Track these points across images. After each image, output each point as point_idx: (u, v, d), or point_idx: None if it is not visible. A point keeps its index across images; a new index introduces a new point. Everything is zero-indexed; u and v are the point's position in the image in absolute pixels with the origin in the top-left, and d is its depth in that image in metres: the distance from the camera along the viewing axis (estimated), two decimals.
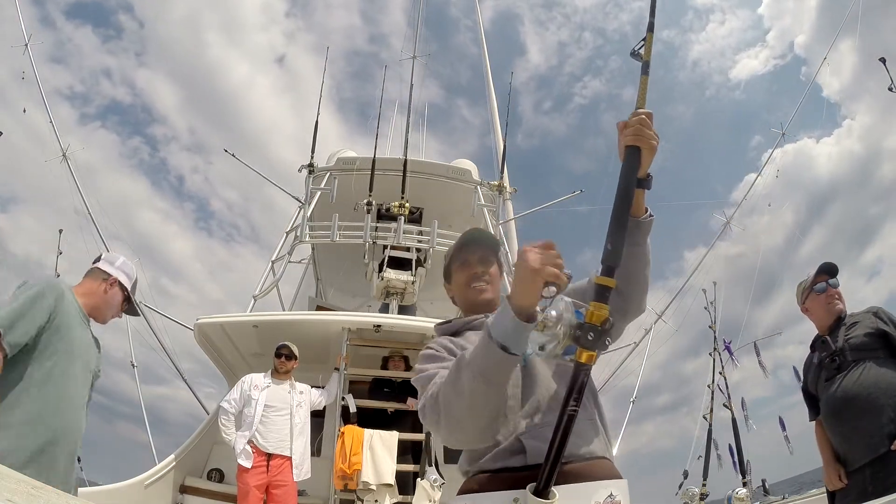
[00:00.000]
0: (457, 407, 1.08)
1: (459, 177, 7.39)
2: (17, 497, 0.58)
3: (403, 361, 5.01)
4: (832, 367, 2.37)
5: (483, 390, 1.03)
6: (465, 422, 1.09)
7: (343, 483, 4.05)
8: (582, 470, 1.13)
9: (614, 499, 1.12)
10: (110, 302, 2.06)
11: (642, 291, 1.30)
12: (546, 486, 0.98)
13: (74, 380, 1.83)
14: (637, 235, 1.23)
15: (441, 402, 1.11)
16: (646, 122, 1.17)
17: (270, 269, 6.35)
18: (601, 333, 0.97)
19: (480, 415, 1.08)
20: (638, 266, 1.26)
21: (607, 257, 1.06)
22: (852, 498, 2.21)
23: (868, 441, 2.16)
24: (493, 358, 1.01)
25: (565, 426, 0.98)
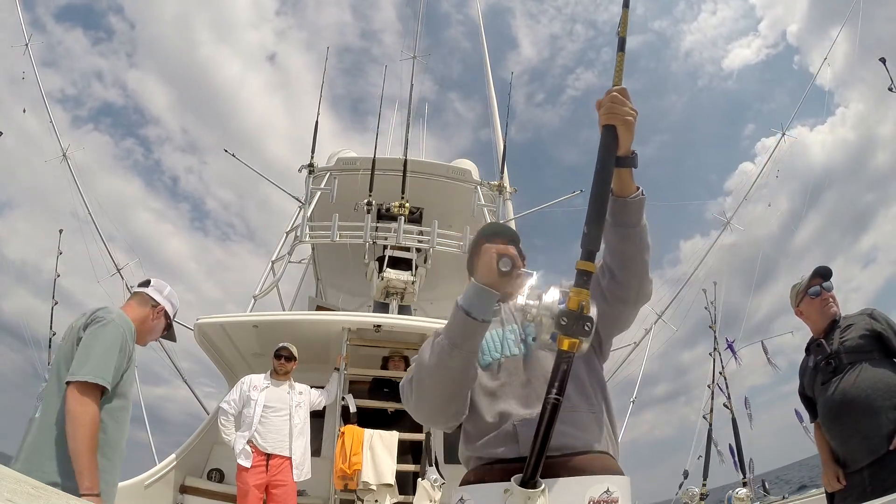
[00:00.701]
0: (424, 373, 1.15)
1: (459, 177, 7.39)
2: (17, 497, 0.58)
3: (403, 361, 5.01)
4: (828, 370, 2.37)
5: (447, 352, 1.10)
6: (428, 387, 1.16)
7: (343, 483, 4.06)
8: (578, 463, 1.12)
9: (611, 495, 1.09)
10: (154, 329, 2.11)
11: (641, 276, 1.23)
12: (532, 475, 0.98)
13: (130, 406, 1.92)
14: (626, 216, 1.18)
15: (414, 372, 1.19)
16: (618, 99, 1.14)
17: (270, 269, 6.35)
18: (577, 319, 0.98)
19: (443, 378, 1.14)
20: (632, 249, 1.20)
21: (585, 241, 1.06)
22: (852, 499, 2.21)
23: (867, 443, 2.16)
24: (457, 321, 1.10)
25: (549, 415, 0.98)
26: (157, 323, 2.11)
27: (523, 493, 0.97)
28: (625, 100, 1.14)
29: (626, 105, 1.14)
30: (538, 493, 0.98)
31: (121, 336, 1.82)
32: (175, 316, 2.21)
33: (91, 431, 1.64)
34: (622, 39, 1.25)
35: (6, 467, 0.66)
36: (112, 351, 1.77)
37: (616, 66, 1.21)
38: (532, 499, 0.97)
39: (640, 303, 1.28)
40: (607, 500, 1.08)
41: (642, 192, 1.19)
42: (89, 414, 1.65)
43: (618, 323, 1.32)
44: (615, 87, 1.16)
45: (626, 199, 1.17)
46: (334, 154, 7.78)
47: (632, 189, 1.18)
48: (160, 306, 2.11)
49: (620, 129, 1.13)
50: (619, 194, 1.17)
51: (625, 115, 1.13)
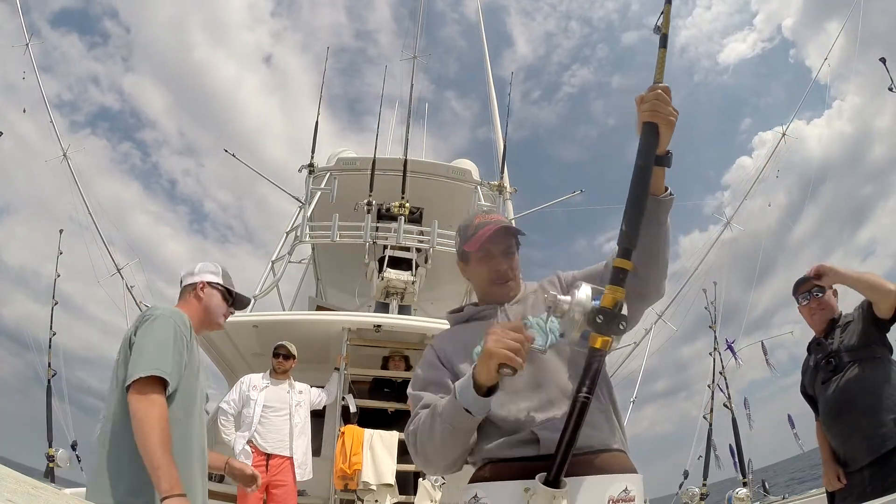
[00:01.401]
0: (429, 447, 1.19)
1: (460, 177, 7.39)
2: (17, 497, 0.58)
3: (404, 361, 5.02)
4: (828, 368, 2.38)
5: (450, 436, 1.14)
6: (434, 459, 1.21)
7: (343, 483, 4.06)
8: (597, 462, 1.12)
9: (629, 493, 1.10)
10: (209, 306, 1.93)
11: (661, 274, 1.24)
12: (557, 475, 0.97)
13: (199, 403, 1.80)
14: (657, 214, 1.18)
15: (418, 440, 1.21)
16: (663, 97, 1.12)
17: (270, 270, 6.35)
18: (613, 317, 0.97)
19: (447, 455, 1.19)
20: (658, 247, 1.21)
21: (623, 239, 1.05)
22: (852, 498, 2.21)
23: (867, 442, 2.17)
24: (458, 416, 1.10)
25: (578, 414, 0.97)
26: (206, 298, 1.93)
27: (548, 493, 0.96)
28: (669, 99, 1.13)
29: (669, 104, 1.13)
30: (563, 494, 0.97)
31: (172, 326, 1.66)
32: (228, 278, 2.04)
33: (161, 426, 1.48)
34: (664, 36, 1.23)
35: (6, 467, 0.66)
36: (166, 342, 1.62)
37: (658, 62, 1.19)
38: (557, 499, 0.96)
39: (655, 299, 1.29)
40: (626, 498, 1.09)
41: (671, 192, 1.19)
42: (156, 409, 1.50)
43: (634, 316, 1.30)
44: (660, 85, 1.14)
45: (659, 198, 1.18)
46: (334, 154, 7.78)
47: (662, 188, 1.18)
48: (198, 283, 1.95)
49: (663, 128, 1.12)
50: (651, 192, 1.16)
51: (668, 114, 1.12)
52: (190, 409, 1.68)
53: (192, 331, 1.75)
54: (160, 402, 1.52)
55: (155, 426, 1.48)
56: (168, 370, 1.56)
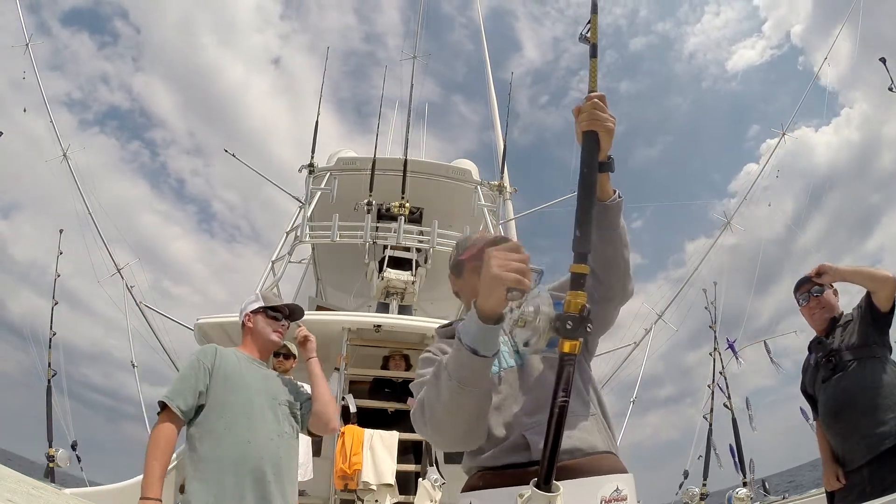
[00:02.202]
0: (438, 410, 1.11)
1: (460, 177, 7.39)
2: (17, 497, 0.58)
3: (404, 360, 5.02)
4: (828, 367, 2.38)
5: (458, 392, 1.06)
6: (445, 424, 1.13)
7: (343, 483, 4.06)
8: (587, 465, 1.14)
9: (621, 493, 1.12)
10: (259, 332, 2.20)
11: (623, 275, 1.27)
12: (547, 478, 0.97)
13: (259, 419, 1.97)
14: (607, 219, 1.21)
15: (426, 407, 1.15)
16: (599, 105, 1.14)
17: (270, 270, 6.35)
18: (580, 321, 0.98)
19: (459, 416, 1.12)
20: (613, 250, 1.24)
21: (576, 244, 1.06)
22: (852, 498, 2.21)
23: (866, 441, 2.17)
24: (464, 361, 1.04)
25: (558, 418, 0.98)
26: (254, 327, 2.20)
27: (544, 498, 0.96)
28: (605, 106, 1.15)
29: (606, 111, 1.15)
30: (558, 497, 0.97)
31: (194, 360, 2.00)
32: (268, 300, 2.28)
33: (155, 443, 1.83)
34: (594, 46, 1.25)
35: (6, 467, 0.66)
36: (184, 375, 1.96)
37: (590, 72, 1.21)
38: (552, 502, 0.96)
39: (623, 301, 1.32)
40: (618, 497, 1.11)
41: (619, 195, 1.22)
42: (159, 430, 1.86)
43: (604, 322, 1.35)
44: (595, 94, 1.16)
45: (606, 204, 1.20)
46: (334, 154, 7.78)
47: (610, 193, 1.21)
48: (244, 317, 2.24)
49: (602, 136, 1.14)
50: (599, 199, 1.18)
51: (605, 121, 1.14)
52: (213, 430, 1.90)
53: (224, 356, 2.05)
54: (165, 426, 1.88)
55: (153, 442, 1.84)
56: (176, 399, 1.89)
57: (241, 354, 2.15)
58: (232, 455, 1.86)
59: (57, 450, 4.73)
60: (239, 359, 2.11)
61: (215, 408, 1.93)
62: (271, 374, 2.20)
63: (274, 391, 2.09)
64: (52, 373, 5.28)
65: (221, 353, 2.10)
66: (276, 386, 2.13)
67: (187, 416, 1.92)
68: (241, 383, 2.00)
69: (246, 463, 1.85)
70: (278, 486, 1.89)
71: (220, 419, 1.91)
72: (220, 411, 1.93)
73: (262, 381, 2.08)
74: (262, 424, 1.95)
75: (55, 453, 4.66)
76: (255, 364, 2.14)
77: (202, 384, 1.96)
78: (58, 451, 4.69)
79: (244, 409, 1.95)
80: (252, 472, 1.85)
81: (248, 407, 1.96)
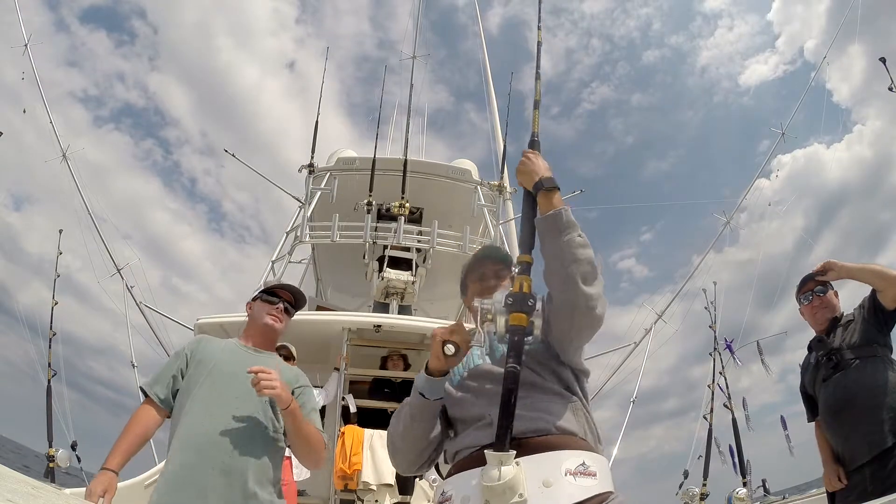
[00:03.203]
0: (395, 435, 1.40)
1: (459, 177, 7.39)
2: (17, 497, 0.58)
3: (402, 360, 5.02)
4: (829, 366, 2.38)
5: (410, 424, 1.33)
6: (400, 446, 1.40)
7: (343, 483, 4.06)
8: (552, 441, 1.14)
9: (588, 468, 1.10)
10: (253, 317, 2.18)
11: (565, 287, 1.21)
12: (501, 439, 1.06)
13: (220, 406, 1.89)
14: (541, 233, 1.28)
15: (389, 430, 1.43)
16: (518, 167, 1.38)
17: (270, 269, 6.35)
18: (520, 297, 1.15)
19: (407, 444, 1.37)
20: (553, 262, 1.23)
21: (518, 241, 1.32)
22: (853, 498, 2.21)
23: (867, 439, 2.16)
24: (415, 401, 1.31)
25: (510, 382, 1.10)
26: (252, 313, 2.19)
27: (496, 457, 1.03)
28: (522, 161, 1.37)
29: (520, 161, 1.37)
30: (510, 457, 1.03)
31: (177, 349, 2.08)
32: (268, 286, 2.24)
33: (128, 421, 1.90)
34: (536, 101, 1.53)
35: (5, 467, 0.66)
36: (165, 364, 2.04)
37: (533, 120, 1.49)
38: (505, 462, 1.02)
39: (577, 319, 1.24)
40: (584, 472, 1.09)
41: (562, 210, 1.25)
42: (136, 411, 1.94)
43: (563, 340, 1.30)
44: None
45: (537, 218, 1.29)
46: (334, 154, 7.78)
47: (546, 210, 1.28)
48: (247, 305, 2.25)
49: (518, 177, 1.38)
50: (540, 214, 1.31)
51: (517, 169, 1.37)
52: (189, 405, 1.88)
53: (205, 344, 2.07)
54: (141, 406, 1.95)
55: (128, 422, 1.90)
56: (151, 385, 1.96)
57: (232, 343, 2.10)
58: (185, 439, 1.82)
59: (57, 450, 4.72)
60: (225, 347, 2.06)
61: (182, 393, 1.94)
62: (261, 358, 2.05)
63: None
64: (52, 373, 5.27)
65: (205, 340, 2.09)
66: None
67: (167, 403, 1.93)
68: (210, 370, 1.94)
69: (198, 448, 1.79)
70: (235, 477, 1.78)
71: (184, 404, 1.90)
72: (185, 396, 1.92)
73: (241, 367, 1.92)
74: (222, 409, 1.86)
75: (55, 453, 4.66)
76: (245, 351, 2.06)
77: (175, 370, 1.97)
78: (58, 452, 4.69)
79: (207, 395, 1.89)
80: (204, 457, 1.78)
81: (211, 393, 1.89)
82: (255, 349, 2.10)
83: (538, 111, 1.52)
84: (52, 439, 4.95)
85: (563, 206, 1.28)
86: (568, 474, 1.08)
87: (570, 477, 1.07)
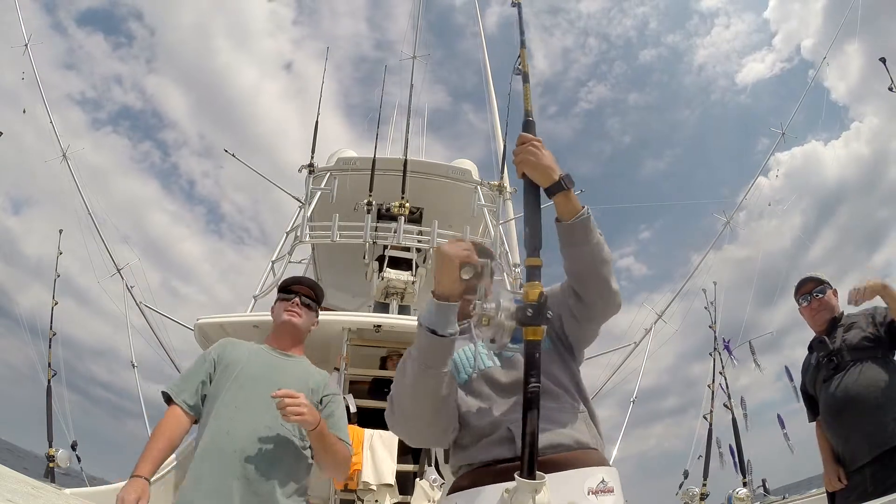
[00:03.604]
0: (403, 395, 1.20)
1: (460, 177, 7.39)
2: (17, 497, 0.58)
3: None
4: (830, 367, 2.38)
5: (422, 373, 1.14)
6: (410, 410, 1.21)
7: (343, 483, 4.05)
8: (573, 458, 1.16)
9: (607, 484, 1.14)
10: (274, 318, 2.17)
11: (601, 292, 1.26)
12: (531, 467, 0.99)
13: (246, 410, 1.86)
14: (572, 238, 1.22)
15: (394, 398, 1.24)
16: (516, 150, 1.23)
17: (270, 270, 6.35)
18: (539, 307, 1.04)
19: (423, 401, 1.18)
20: (587, 267, 1.24)
21: (527, 242, 1.16)
22: (853, 498, 2.21)
23: (868, 440, 2.16)
24: (424, 343, 1.13)
25: (531, 404, 1.02)
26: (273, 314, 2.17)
27: (529, 486, 0.97)
28: (521, 145, 1.22)
29: (523, 149, 1.22)
30: (542, 484, 0.98)
31: (203, 353, 2.04)
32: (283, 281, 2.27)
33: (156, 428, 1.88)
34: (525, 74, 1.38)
35: (5, 467, 0.66)
36: (190, 369, 2.02)
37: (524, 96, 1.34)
38: (538, 490, 0.98)
39: (607, 316, 1.33)
40: (604, 489, 1.12)
41: (587, 210, 1.22)
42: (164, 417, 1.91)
43: (589, 336, 1.37)
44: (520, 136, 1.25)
45: (567, 223, 1.21)
46: (334, 154, 7.78)
47: (570, 212, 1.21)
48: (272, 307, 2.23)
49: (527, 171, 1.22)
50: (560, 219, 1.22)
51: (522, 159, 1.21)
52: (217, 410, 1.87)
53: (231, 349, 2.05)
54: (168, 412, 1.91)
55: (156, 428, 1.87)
56: (178, 392, 1.92)
57: (257, 346, 2.08)
58: (210, 446, 1.79)
59: (57, 450, 4.72)
60: (251, 350, 2.04)
61: (209, 398, 1.92)
62: (289, 363, 2.05)
63: (283, 382, 1.92)
64: (52, 373, 5.27)
65: (231, 344, 2.08)
66: (287, 376, 1.97)
67: (195, 409, 1.91)
68: (237, 373, 1.93)
69: (222, 455, 1.77)
70: (260, 486, 1.75)
71: (210, 409, 1.88)
72: (212, 401, 1.89)
73: (268, 371, 1.95)
74: (247, 415, 1.83)
75: (55, 453, 4.66)
76: (271, 353, 2.05)
77: (204, 374, 1.95)
78: (58, 452, 4.69)
79: (232, 398, 1.87)
80: (228, 464, 1.75)
81: (236, 396, 1.88)
82: (281, 352, 2.06)
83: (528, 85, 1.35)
84: (52, 439, 4.95)
85: (585, 207, 1.23)
86: (591, 493, 1.10)
87: (592, 497, 1.10)
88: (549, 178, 1.20)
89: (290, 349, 2.10)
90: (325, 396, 2.00)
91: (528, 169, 1.21)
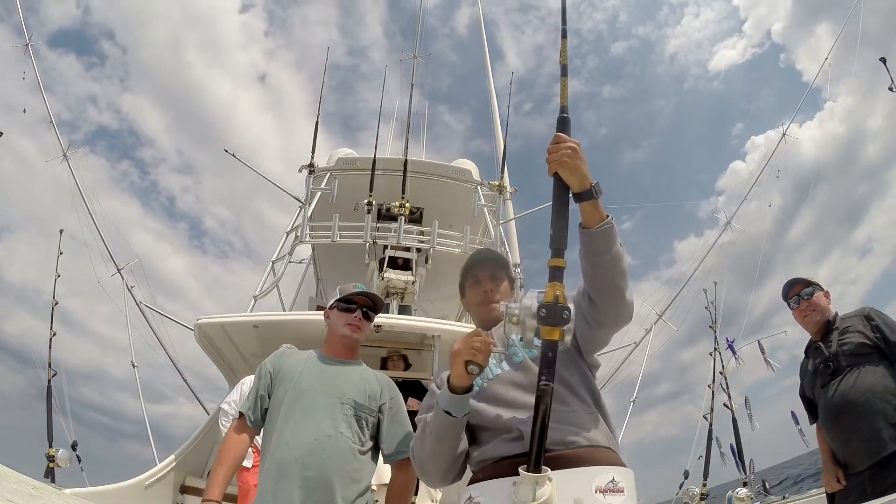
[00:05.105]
0: (423, 457, 1.36)
1: (460, 177, 7.39)
2: (17, 497, 0.58)
3: (402, 361, 5.01)
4: (827, 372, 2.37)
5: (438, 445, 1.29)
6: (429, 467, 1.36)
7: None
8: (583, 455, 1.17)
9: (616, 484, 1.13)
10: (332, 328, 2.12)
11: (615, 302, 1.27)
12: (537, 462, 1.03)
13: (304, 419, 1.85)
14: (593, 246, 1.22)
15: (414, 453, 1.40)
16: (551, 148, 1.22)
17: (271, 270, 6.35)
18: (555, 308, 1.07)
19: (438, 461, 1.32)
20: (603, 277, 1.25)
21: (552, 242, 1.17)
22: (852, 499, 2.21)
23: (866, 445, 2.16)
24: (440, 421, 1.26)
25: (542, 401, 1.05)
26: (330, 322, 2.13)
27: (531, 478, 1.01)
28: (558, 144, 1.21)
29: (559, 149, 1.20)
30: (545, 478, 1.02)
31: (261, 365, 2.05)
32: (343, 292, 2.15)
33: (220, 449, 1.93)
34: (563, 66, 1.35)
35: (5, 467, 0.66)
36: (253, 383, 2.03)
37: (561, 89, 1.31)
38: (540, 483, 1.01)
39: (618, 325, 1.34)
40: (613, 489, 1.12)
41: (611, 220, 1.22)
42: (226, 436, 1.96)
43: (598, 342, 1.39)
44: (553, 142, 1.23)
45: (591, 230, 1.21)
46: (334, 154, 7.78)
47: (596, 220, 1.21)
48: (325, 313, 2.17)
49: (562, 173, 1.21)
50: (584, 226, 1.22)
51: (558, 159, 1.20)
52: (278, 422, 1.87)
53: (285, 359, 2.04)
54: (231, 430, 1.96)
55: (220, 449, 1.93)
56: (246, 407, 1.96)
57: (313, 353, 2.06)
58: (274, 458, 1.79)
59: (57, 450, 4.72)
60: (307, 358, 2.02)
61: (270, 410, 1.93)
62: (344, 369, 2.03)
63: (341, 390, 1.91)
64: (52, 373, 5.27)
65: (287, 354, 2.08)
66: (346, 384, 1.95)
67: (257, 424, 1.94)
68: (294, 383, 1.92)
69: (284, 467, 1.76)
70: (322, 493, 1.74)
71: (271, 422, 1.89)
72: (273, 414, 1.90)
73: (326, 380, 1.93)
74: (306, 425, 1.82)
75: (55, 453, 4.66)
76: (327, 362, 2.02)
77: (263, 387, 1.97)
78: (58, 451, 4.69)
79: (290, 409, 1.86)
80: (290, 476, 1.75)
81: (295, 407, 1.86)
82: (337, 360, 2.05)
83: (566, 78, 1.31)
84: (52, 439, 4.95)
85: (610, 216, 1.23)
86: (598, 492, 1.11)
87: (599, 495, 1.10)
88: (582, 184, 1.20)
89: (345, 356, 2.10)
90: (383, 404, 2.00)
91: (565, 171, 1.21)
